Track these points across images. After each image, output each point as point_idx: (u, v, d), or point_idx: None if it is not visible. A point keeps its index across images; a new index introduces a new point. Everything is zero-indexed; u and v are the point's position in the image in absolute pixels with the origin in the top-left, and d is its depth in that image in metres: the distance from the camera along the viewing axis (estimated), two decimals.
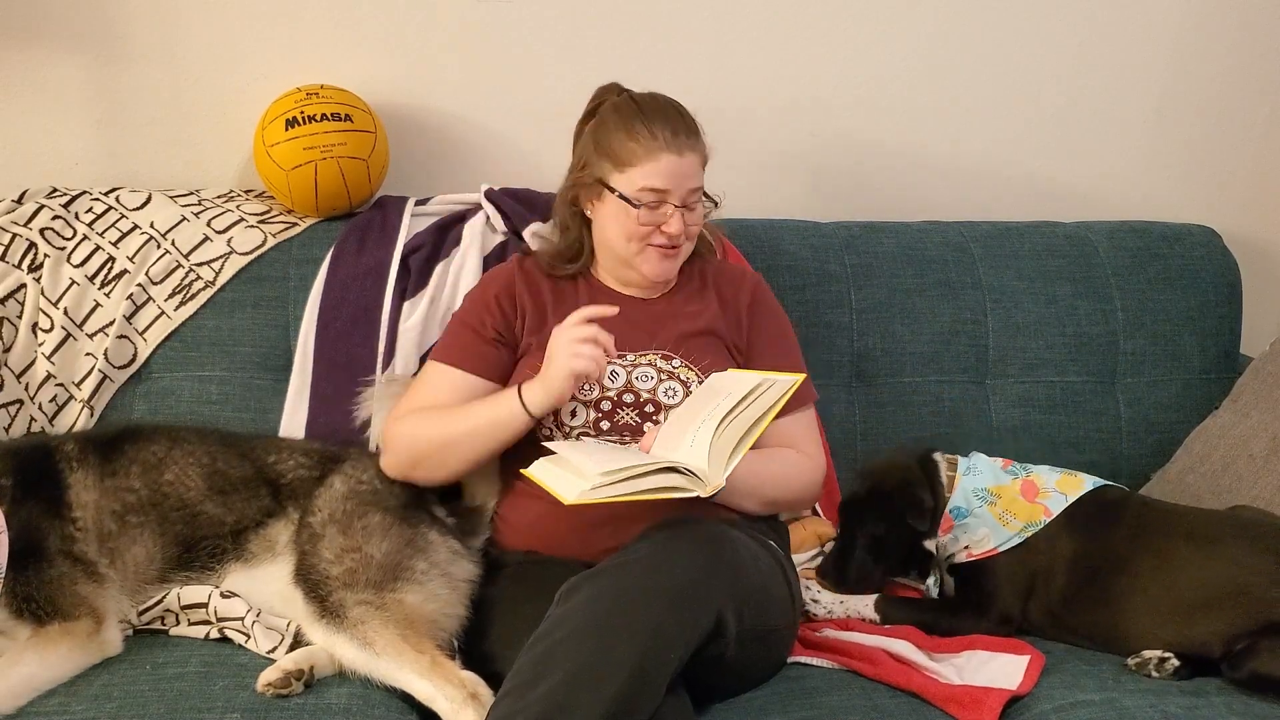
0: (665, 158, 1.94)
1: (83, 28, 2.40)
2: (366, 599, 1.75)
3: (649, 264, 2.01)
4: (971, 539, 1.97)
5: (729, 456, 1.71)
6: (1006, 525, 1.95)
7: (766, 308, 2.11)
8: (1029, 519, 1.95)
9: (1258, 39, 2.69)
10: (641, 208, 1.95)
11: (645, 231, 1.97)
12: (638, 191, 1.95)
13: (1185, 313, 2.49)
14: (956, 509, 1.99)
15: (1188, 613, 1.81)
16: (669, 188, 1.94)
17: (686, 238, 2.00)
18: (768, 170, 2.63)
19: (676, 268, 2.05)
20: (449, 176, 2.52)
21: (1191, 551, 1.86)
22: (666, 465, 1.67)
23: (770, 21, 2.56)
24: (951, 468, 2.04)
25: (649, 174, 1.94)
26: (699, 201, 1.99)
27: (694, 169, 1.97)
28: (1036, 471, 2.03)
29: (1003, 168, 2.69)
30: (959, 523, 1.98)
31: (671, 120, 1.97)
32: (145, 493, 1.92)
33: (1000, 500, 1.97)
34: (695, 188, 1.97)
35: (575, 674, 1.46)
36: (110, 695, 1.64)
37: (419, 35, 2.49)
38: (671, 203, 1.95)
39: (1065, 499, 1.96)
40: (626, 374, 1.96)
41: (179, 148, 2.47)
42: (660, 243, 1.98)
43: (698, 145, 1.98)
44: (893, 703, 1.74)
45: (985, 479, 2.01)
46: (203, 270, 2.28)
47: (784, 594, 1.81)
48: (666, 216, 1.96)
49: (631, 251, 2.00)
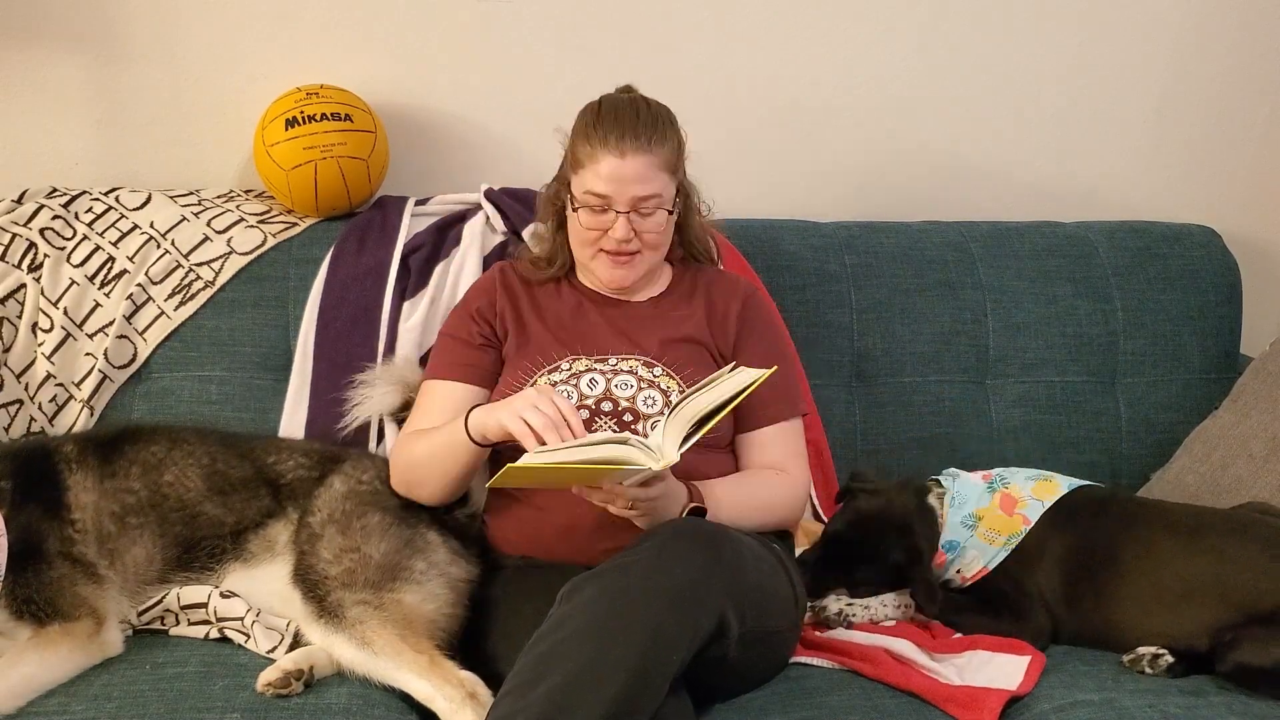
0: (606, 161, 1.88)
1: (83, 28, 2.40)
2: (365, 599, 1.76)
3: (602, 269, 1.98)
4: (962, 563, 1.97)
5: (684, 434, 1.64)
6: (992, 543, 1.94)
7: (757, 317, 2.07)
8: (1010, 531, 1.94)
9: (1258, 39, 2.69)
10: (580, 210, 1.92)
11: (593, 236, 1.94)
12: (583, 195, 1.92)
13: (1185, 313, 2.49)
14: (949, 543, 1.96)
15: (1173, 605, 1.81)
16: (609, 193, 1.89)
17: (645, 246, 1.95)
18: (768, 170, 2.63)
19: (634, 275, 2.00)
20: (449, 176, 2.52)
21: (1175, 544, 1.86)
22: (618, 439, 1.62)
23: (770, 21, 2.56)
24: (942, 503, 1.99)
25: (591, 177, 1.90)
26: (655, 208, 1.92)
27: (642, 172, 1.88)
28: (1014, 482, 2.01)
29: (1003, 168, 2.69)
30: (950, 555, 1.97)
31: (622, 122, 1.90)
32: (145, 494, 1.92)
33: (982, 521, 1.96)
34: (645, 195, 1.90)
35: (576, 674, 1.46)
36: (110, 695, 1.64)
37: (419, 35, 2.49)
38: (616, 209, 1.90)
39: (1042, 505, 1.95)
40: (606, 381, 1.94)
41: (179, 148, 2.47)
42: (609, 248, 1.94)
43: (652, 148, 1.89)
44: (893, 703, 1.74)
45: (969, 505, 1.98)
46: (203, 270, 2.28)
47: (786, 595, 1.81)
48: (610, 222, 1.92)
49: (587, 256, 1.98)
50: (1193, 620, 1.79)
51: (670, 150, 1.93)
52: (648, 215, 1.93)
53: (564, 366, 1.96)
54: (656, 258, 2.01)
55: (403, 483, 1.96)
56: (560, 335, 2.01)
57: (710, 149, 2.10)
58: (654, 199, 1.92)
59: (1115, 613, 1.86)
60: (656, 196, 1.92)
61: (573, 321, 2.04)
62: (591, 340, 1.99)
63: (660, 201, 1.93)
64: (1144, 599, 1.84)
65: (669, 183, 1.94)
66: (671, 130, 1.94)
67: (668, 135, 1.93)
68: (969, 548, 1.95)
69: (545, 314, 2.05)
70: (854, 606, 1.98)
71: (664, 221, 1.95)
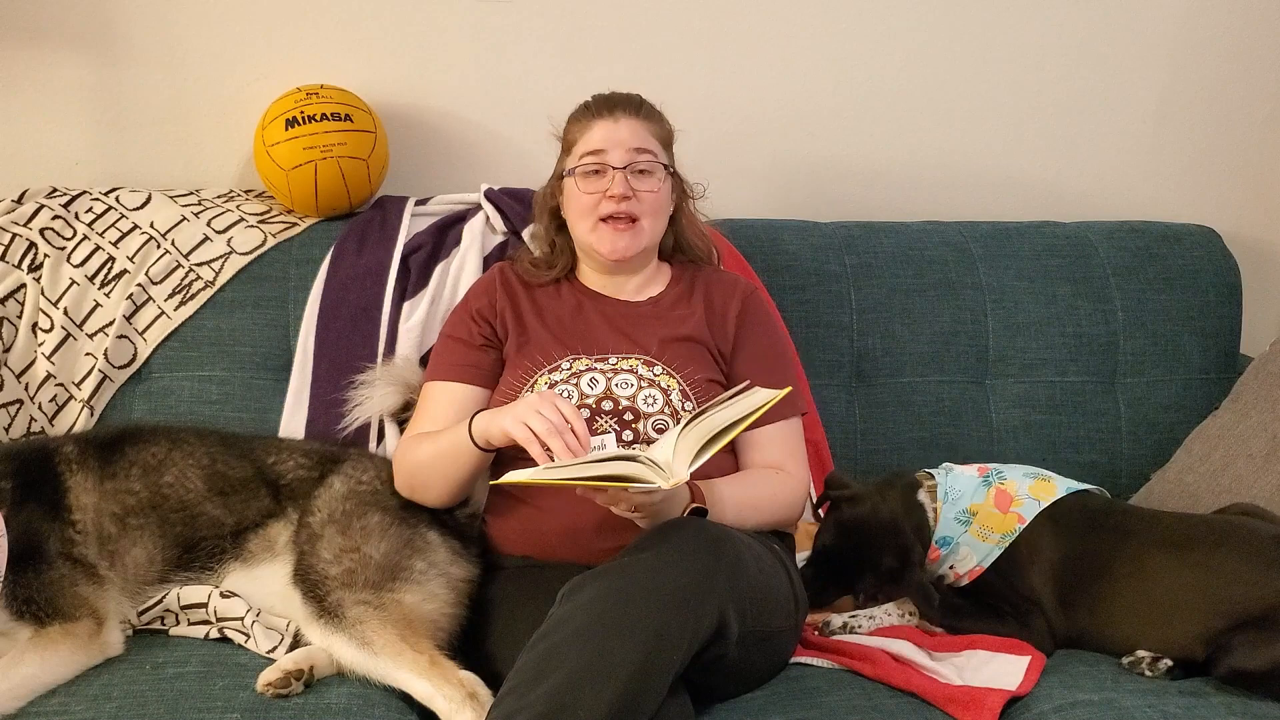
0: (598, 124, 1.98)
1: (83, 28, 2.41)
2: (365, 599, 1.76)
3: (604, 241, 1.99)
4: (955, 559, 1.96)
5: (695, 453, 1.64)
6: (985, 540, 1.93)
7: (757, 318, 2.07)
8: (1004, 529, 1.93)
9: (1258, 39, 2.69)
10: (578, 173, 1.97)
11: (592, 202, 1.97)
12: (579, 160, 1.98)
13: (1185, 313, 2.49)
14: (943, 539, 1.95)
15: (1165, 617, 1.81)
16: (603, 147, 1.97)
17: (644, 211, 1.98)
18: (768, 170, 2.63)
19: (637, 246, 2.01)
20: (449, 176, 2.52)
21: (1164, 558, 1.85)
22: (627, 455, 1.62)
23: (770, 21, 2.57)
24: (933, 496, 1.98)
25: (586, 141, 1.99)
26: (652, 169, 1.98)
27: (633, 132, 1.98)
28: (1010, 478, 1.99)
29: (1003, 168, 2.69)
30: (944, 550, 1.96)
31: (613, 98, 2.01)
32: (145, 494, 1.92)
33: (976, 517, 1.95)
34: (639, 148, 1.98)
35: (577, 674, 1.46)
36: (110, 695, 1.64)
37: (419, 35, 2.49)
38: (611, 164, 1.96)
39: (1039, 504, 1.94)
40: (606, 380, 1.95)
41: (179, 148, 2.48)
42: (608, 212, 1.97)
43: (639, 116, 2.00)
44: (893, 703, 1.74)
45: (964, 500, 1.96)
46: (203, 270, 2.28)
47: (786, 595, 1.81)
48: (608, 183, 1.96)
49: (586, 230, 2.00)
50: (1184, 632, 1.78)
51: (661, 127, 2.02)
52: (645, 174, 1.98)
53: (564, 366, 1.96)
54: (656, 228, 2.03)
55: (407, 486, 1.96)
56: (560, 335, 2.01)
57: (710, 149, 2.11)
58: (648, 155, 1.98)
59: (1109, 624, 1.86)
60: (650, 154, 1.99)
61: (572, 321, 2.04)
62: (591, 340, 1.99)
63: (655, 159, 1.99)
64: (1137, 611, 1.84)
65: (662, 152, 2.02)
66: (660, 114, 2.03)
67: (656, 114, 2.03)
68: (962, 544, 1.94)
69: (545, 314, 2.05)
70: (858, 617, 1.97)
71: (661, 182, 2.00)
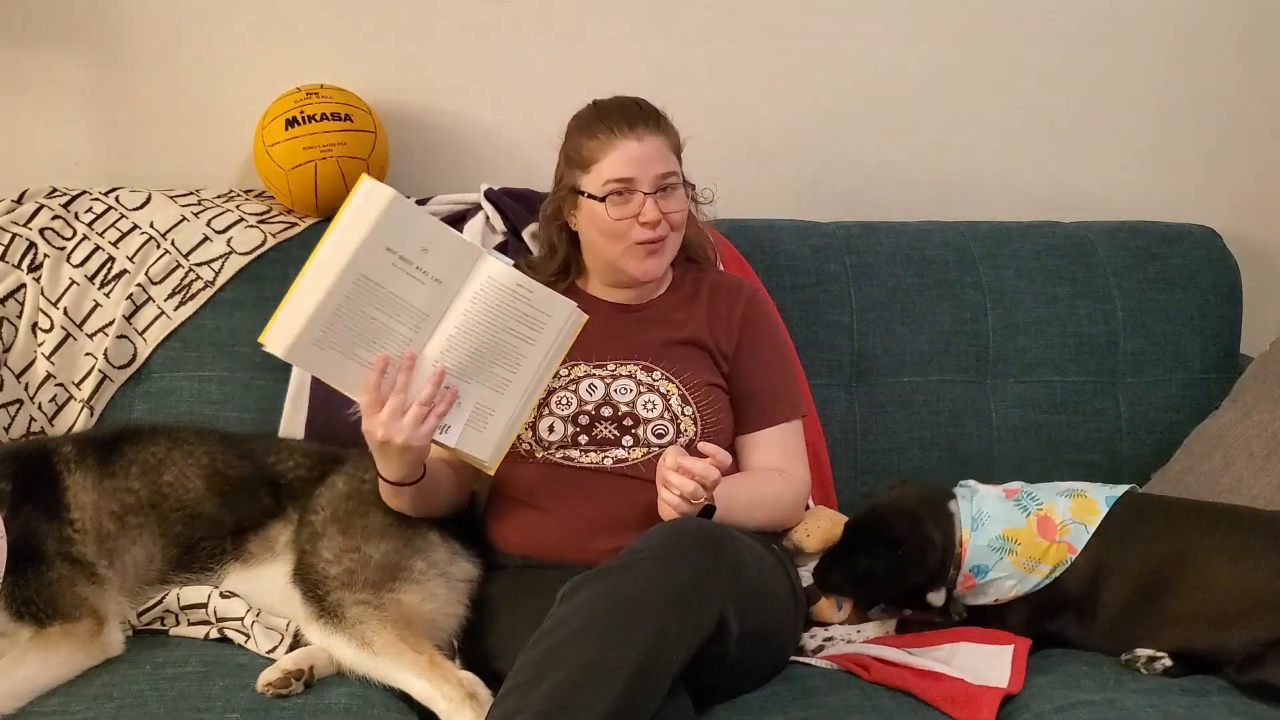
0: (623, 145, 1.92)
1: (84, 29, 2.40)
2: (364, 599, 1.75)
3: (635, 263, 1.97)
4: (999, 592, 1.89)
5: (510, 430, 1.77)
6: (1033, 572, 1.86)
7: (760, 321, 2.07)
8: (1056, 560, 1.86)
9: (1258, 39, 2.68)
10: (608, 200, 1.92)
11: (623, 227, 1.93)
12: (604, 185, 1.93)
13: (1185, 313, 2.49)
14: (976, 567, 1.88)
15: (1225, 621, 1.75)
16: (633, 175, 1.92)
17: (671, 227, 1.96)
18: (768, 170, 2.62)
19: (665, 264, 2.01)
20: (449, 176, 2.51)
21: (1224, 563, 1.79)
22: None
23: (771, 21, 2.56)
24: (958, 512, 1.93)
25: (611, 166, 1.92)
26: (675, 186, 1.95)
27: (658, 152, 1.93)
28: (1048, 501, 1.91)
29: (1003, 167, 2.69)
30: (980, 580, 1.89)
31: (628, 112, 1.95)
32: (144, 494, 1.92)
33: (1020, 547, 1.87)
34: (665, 172, 1.93)
35: (577, 673, 1.46)
36: (110, 695, 1.64)
37: (419, 35, 2.49)
38: (641, 190, 1.92)
39: (1086, 529, 1.87)
40: (605, 386, 1.95)
41: (179, 148, 2.47)
42: (643, 238, 1.94)
43: (660, 131, 1.95)
44: (893, 703, 1.74)
45: (996, 524, 1.89)
46: (202, 270, 2.28)
47: (786, 595, 1.81)
48: (639, 206, 1.93)
49: (616, 253, 1.97)
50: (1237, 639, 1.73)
51: (674, 136, 1.99)
52: (671, 194, 1.95)
53: (562, 373, 1.96)
54: (679, 242, 2.03)
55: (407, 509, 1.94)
56: None
57: (710, 149, 2.10)
58: (673, 175, 1.95)
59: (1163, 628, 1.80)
60: (675, 174, 1.96)
61: None
62: (589, 345, 1.98)
63: (679, 177, 1.97)
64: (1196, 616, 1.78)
65: (679, 166, 1.98)
66: (668, 121, 2.00)
67: (667, 123, 1.99)
68: (1005, 577, 1.87)
69: None
70: (834, 640, 1.94)
71: (685, 200, 1.99)
